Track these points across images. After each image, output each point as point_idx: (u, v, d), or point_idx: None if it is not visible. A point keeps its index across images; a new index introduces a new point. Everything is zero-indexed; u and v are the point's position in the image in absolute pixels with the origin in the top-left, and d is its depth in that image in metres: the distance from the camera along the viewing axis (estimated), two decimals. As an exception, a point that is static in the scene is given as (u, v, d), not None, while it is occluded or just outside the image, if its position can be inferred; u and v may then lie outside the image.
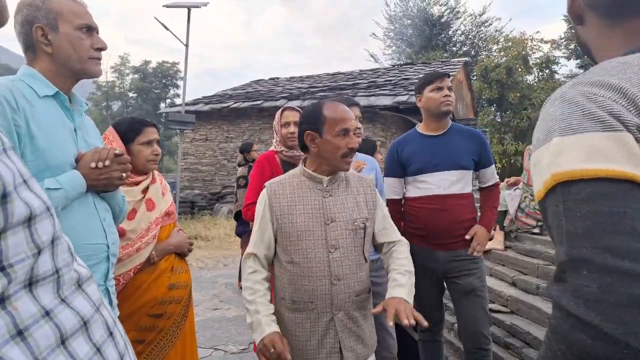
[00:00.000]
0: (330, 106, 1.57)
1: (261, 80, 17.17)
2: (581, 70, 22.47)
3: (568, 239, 0.53)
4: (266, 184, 1.63)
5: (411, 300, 1.46)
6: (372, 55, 24.62)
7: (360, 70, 15.81)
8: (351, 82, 13.08)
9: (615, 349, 0.45)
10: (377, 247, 1.71)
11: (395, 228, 1.73)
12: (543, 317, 2.90)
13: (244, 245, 5.06)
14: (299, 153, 2.57)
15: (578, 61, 22.39)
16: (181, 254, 2.01)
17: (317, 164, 1.60)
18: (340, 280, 1.51)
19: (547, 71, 20.35)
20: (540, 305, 2.99)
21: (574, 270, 0.51)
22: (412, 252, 2.26)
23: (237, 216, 4.96)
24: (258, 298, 1.49)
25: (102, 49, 1.41)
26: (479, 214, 2.42)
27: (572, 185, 0.54)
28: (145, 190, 1.89)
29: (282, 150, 2.53)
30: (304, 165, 1.64)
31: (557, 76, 21.16)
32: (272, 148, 2.62)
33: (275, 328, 1.45)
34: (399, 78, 12.41)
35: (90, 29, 1.39)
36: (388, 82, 11.99)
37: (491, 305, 3.25)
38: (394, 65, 18.19)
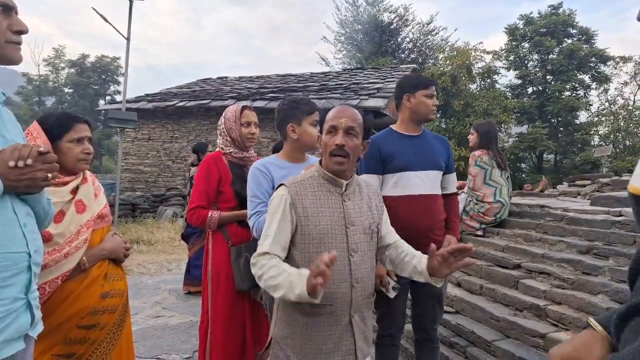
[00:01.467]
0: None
1: (209, 79, 16.71)
2: (519, 81, 23.87)
3: None
4: (286, 183, 1.58)
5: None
6: (323, 59, 24.69)
7: (312, 73, 15.80)
8: (302, 84, 13.04)
9: None
10: (380, 250, 1.72)
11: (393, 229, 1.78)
12: (486, 317, 2.99)
13: (192, 248, 4.89)
14: (249, 154, 2.47)
15: (517, 72, 23.78)
16: (116, 260, 1.87)
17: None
18: (359, 283, 1.54)
19: (488, 80, 21.42)
20: (484, 305, 3.09)
21: None
22: None
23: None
24: (283, 266, 1.43)
25: (22, 31, 1.25)
26: None
27: None
28: (74, 191, 1.73)
29: (231, 152, 2.42)
30: (323, 168, 1.61)
31: (497, 85, 22.33)
32: (218, 149, 2.49)
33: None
34: (349, 82, 12.53)
35: (8, 9, 1.22)
36: (339, 86, 12.07)
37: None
38: (344, 70, 18.35)
